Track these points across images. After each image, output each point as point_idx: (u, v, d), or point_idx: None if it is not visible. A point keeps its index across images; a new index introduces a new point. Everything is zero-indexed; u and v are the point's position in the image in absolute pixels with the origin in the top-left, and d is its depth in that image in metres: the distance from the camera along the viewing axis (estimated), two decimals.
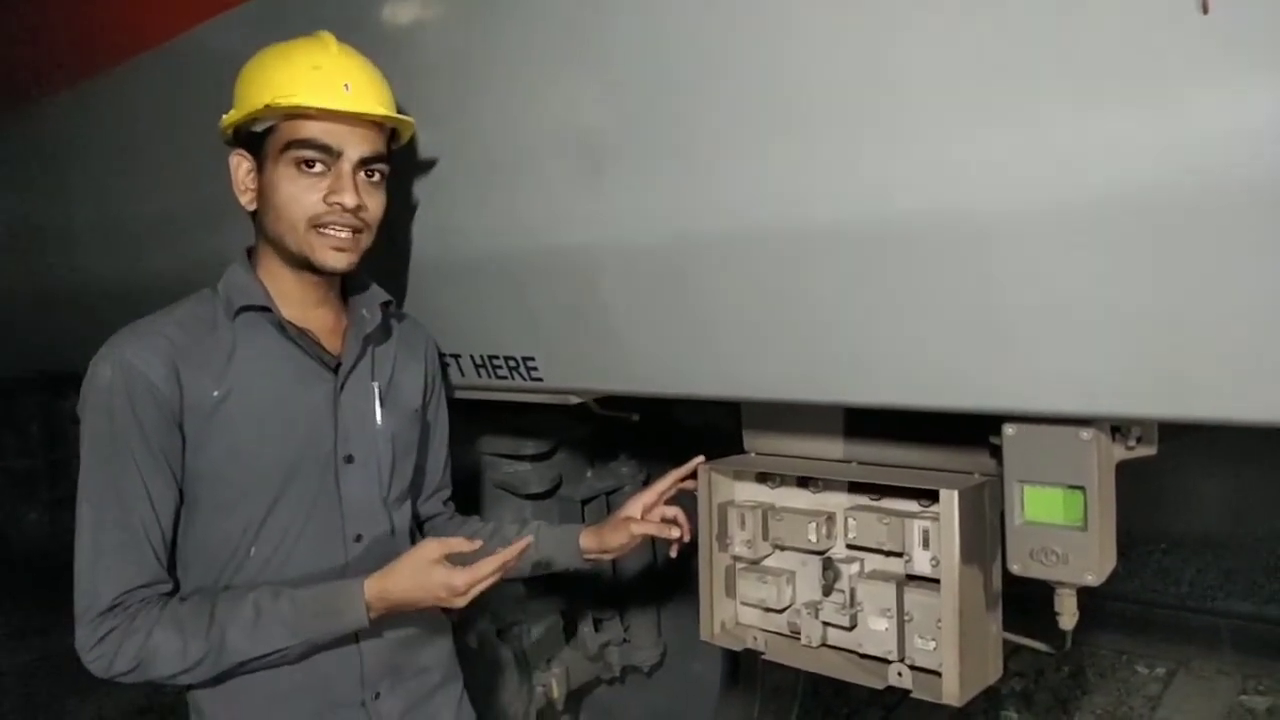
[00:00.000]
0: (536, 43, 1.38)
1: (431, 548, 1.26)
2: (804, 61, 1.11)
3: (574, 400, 1.61)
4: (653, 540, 2.18)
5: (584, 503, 2.18)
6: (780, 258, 1.19)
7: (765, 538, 1.46)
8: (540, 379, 1.56)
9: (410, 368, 1.48)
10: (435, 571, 1.25)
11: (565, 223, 1.39)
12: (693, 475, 1.54)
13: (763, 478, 1.52)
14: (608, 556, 1.57)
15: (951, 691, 1.23)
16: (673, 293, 1.32)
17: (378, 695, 1.36)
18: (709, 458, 1.53)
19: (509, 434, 2.16)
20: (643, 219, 1.30)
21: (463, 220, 1.53)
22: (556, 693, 2.23)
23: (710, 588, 1.51)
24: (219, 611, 1.21)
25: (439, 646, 1.49)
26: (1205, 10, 0.83)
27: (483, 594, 1.29)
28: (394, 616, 1.31)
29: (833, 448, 1.46)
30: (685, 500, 1.56)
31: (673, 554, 1.57)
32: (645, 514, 1.54)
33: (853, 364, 1.19)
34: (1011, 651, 1.30)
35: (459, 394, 1.74)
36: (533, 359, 1.55)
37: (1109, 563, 1.13)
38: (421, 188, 1.58)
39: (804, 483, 1.48)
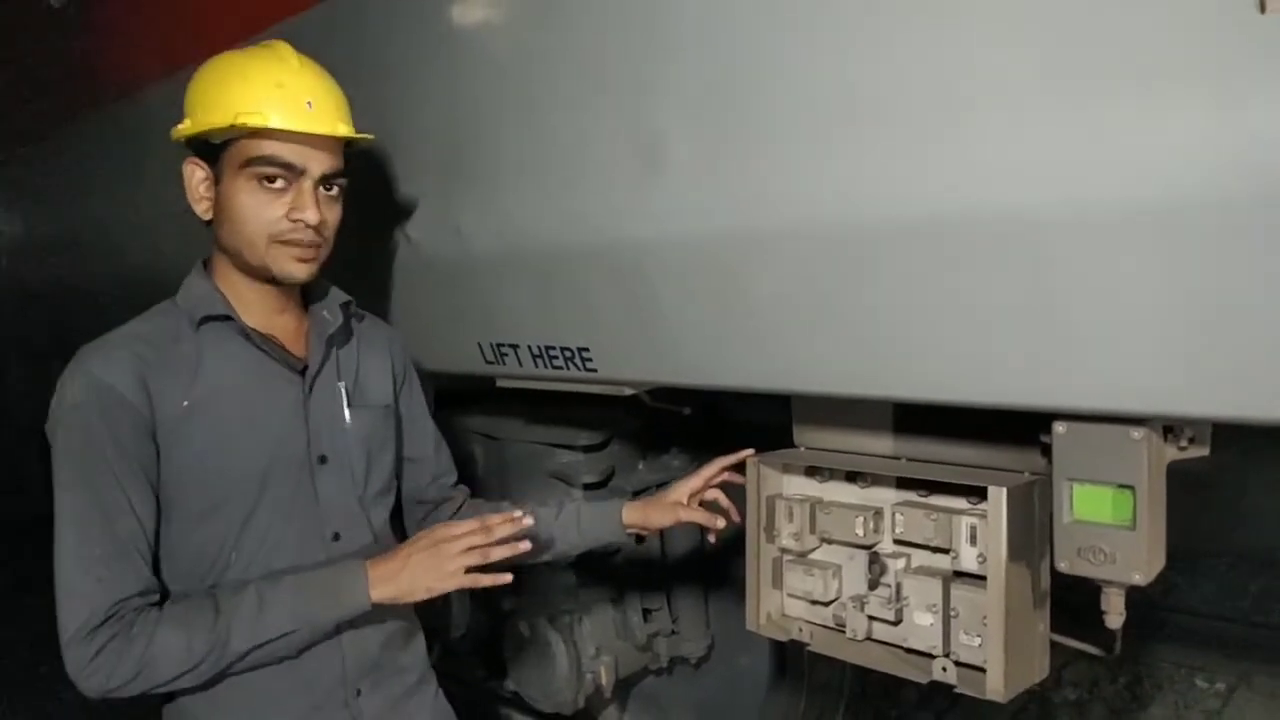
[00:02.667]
0: (598, 45, 1.41)
1: (422, 534, 1.30)
2: (860, 58, 1.13)
3: (627, 391, 1.64)
4: (702, 531, 2.22)
5: (635, 494, 2.21)
6: (833, 253, 1.21)
7: (812, 531, 1.47)
8: (594, 370, 1.60)
9: (374, 365, 1.49)
10: (422, 539, 1.28)
11: (622, 218, 1.43)
12: (740, 468, 1.56)
13: (811, 472, 1.53)
14: (648, 531, 1.60)
15: (995, 688, 1.24)
16: (725, 287, 1.34)
17: (359, 693, 1.37)
18: (759, 453, 1.55)
19: (564, 424, 2.21)
20: (697, 214, 1.33)
21: (523, 216, 1.58)
22: (605, 680, 2.26)
23: (757, 579, 1.53)
24: (223, 604, 1.21)
25: (414, 649, 1.51)
26: (1263, 10, 0.83)
27: (515, 584, 1.31)
28: (387, 608, 1.30)
29: (882, 443, 1.47)
30: (734, 494, 1.59)
31: (712, 539, 1.60)
32: (691, 499, 1.57)
33: (904, 359, 1.20)
34: (1066, 662, 1.30)
35: (516, 384, 1.79)
36: (588, 350, 1.59)
37: (1158, 563, 1.12)
38: (484, 184, 1.63)
39: (852, 477, 1.49)
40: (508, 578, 1.29)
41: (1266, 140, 0.87)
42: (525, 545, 1.30)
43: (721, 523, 1.56)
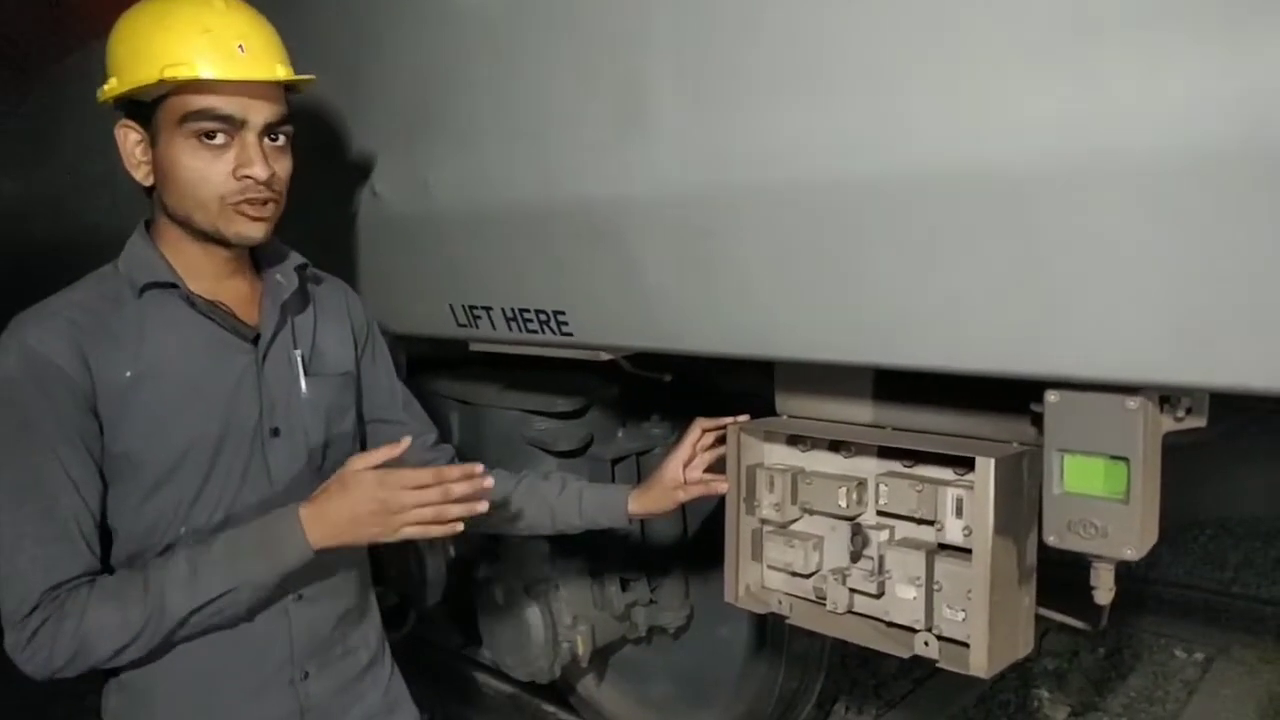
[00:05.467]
0: None
1: (356, 461, 1.21)
2: (842, 8, 1.06)
3: (604, 356, 1.59)
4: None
5: (614, 462, 2.17)
6: (816, 211, 1.15)
7: (794, 501, 1.43)
8: (570, 334, 1.54)
9: (332, 330, 1.41)
10: (364, 478, 1.18)
11: (596, 174, 1.36)
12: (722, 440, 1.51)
13: (793, 440, 1.49)
14: (650, 517, 1.57)
15: (979, 663, 1.20)
16: (704, 248, 1.29)
17: (306, 675, 1.33)
18: (741, 424, 1.50)
19: (541, 390, 2.16)
20: (675, 172, 1.27)
21: (494, 171, 1.51)
22: (581, 649, 2.24)
23: (736, 550, 1.49)
24: (152, 573, 1.16)
25: (366, 629, 1.45)
26: None
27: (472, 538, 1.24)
28: (340, 587, 1.28)
29: (867, 412, 1.42)
30: (717, 465, 1.54)
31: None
32: (686, 468, 1.52)
33: (890, 324, 1.15)
34: (1045, 631, 1.28)
35: (488, 348, 1.73)
36: (563, 313, 1.53)
37: (1150, 538, 1.08)
38: (452, 138, 1.56)
39: (835, 447, 1.44)
40: (459, 527, 1.22)
41: (1271, 93, 0.81)
42: (483, 506, 1.22)
43: (724, 486, 1.49)
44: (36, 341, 1.14)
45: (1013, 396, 1.19)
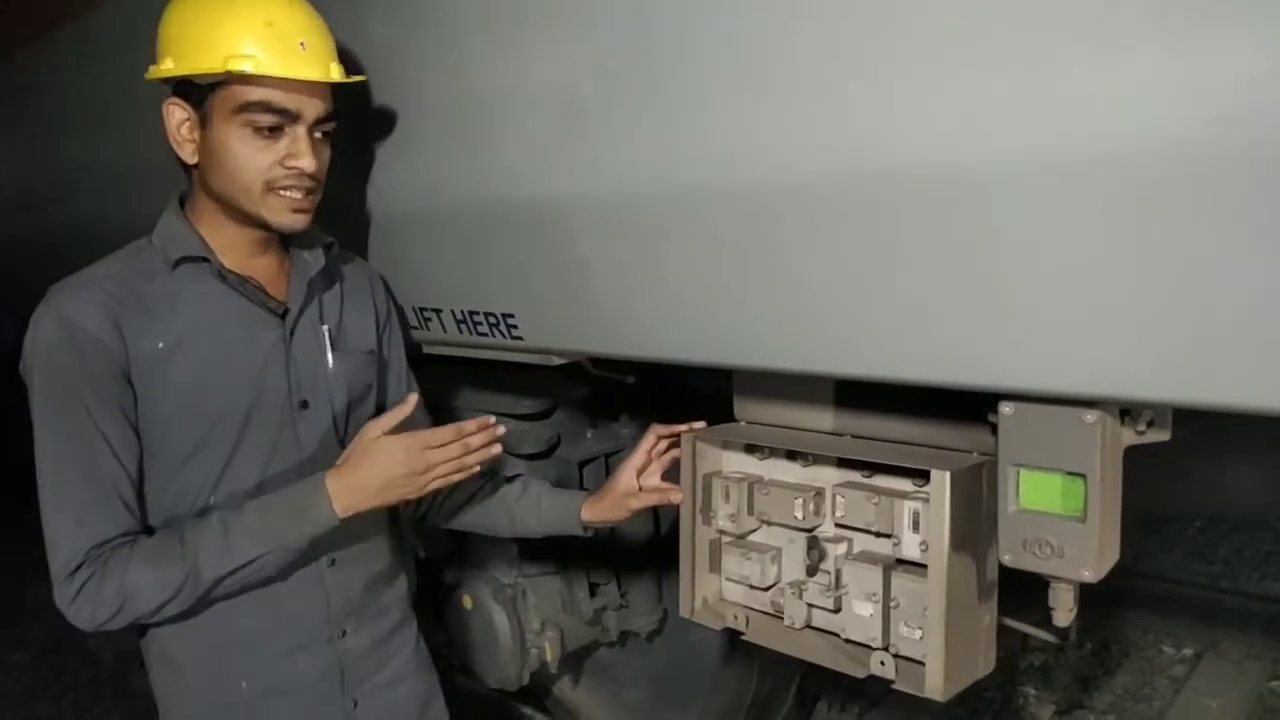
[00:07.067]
0: None
1: (370, 428, 1.27)
2: (788, 7, 1.00)
3: (556, 361, 1.53)
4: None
5: (582, 464, 2.11)
6: (768, 216, 1.09)
7: (750, 512, 1.38)
8: (520, 337, 1.49)
9: (357, 308, 1.45)
10: (390, 445, 1.25)
11: (544, 173, 1.30)
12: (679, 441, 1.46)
13: (751, 448, 1.43)
14: (605, 525, 1.56)
15: (935, 685, 1.15)
16: (654, 252, 1.23)
17: (344, 634, 1.38)
18: (717, 422, 1.45)
19: (507, 391, 2.10)
20: (622, 171, 1.21)
21: (441, 171, 1.45)
22: (550, 655, 2.19)
23: (692, 562, 1.44)
24: (188, 535, 1.20)
25: (397, 589, 1.50)
26: None
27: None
28: (370, 549, 1.37)
29: (827, 418, 1.37)
30: (674, 474, 1.48)
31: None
32: (641, 474, 1.48)
33: (843, 333, 1.10)
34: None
35: (439, 350, 1.68)
36: (512, 316, 1.47)
37: (1110, 558, 1.03)
38: (399, 137, 1.50)
39: (794, 455, 1.39)
40: (476, 470, 1.31)
41: (1242, 91, 0.75)
42: (497, 449, 1.31)
43: (679, 495, 1.45)
44: (73, 312, 1.18)
45: (972, 404, 1.14)
